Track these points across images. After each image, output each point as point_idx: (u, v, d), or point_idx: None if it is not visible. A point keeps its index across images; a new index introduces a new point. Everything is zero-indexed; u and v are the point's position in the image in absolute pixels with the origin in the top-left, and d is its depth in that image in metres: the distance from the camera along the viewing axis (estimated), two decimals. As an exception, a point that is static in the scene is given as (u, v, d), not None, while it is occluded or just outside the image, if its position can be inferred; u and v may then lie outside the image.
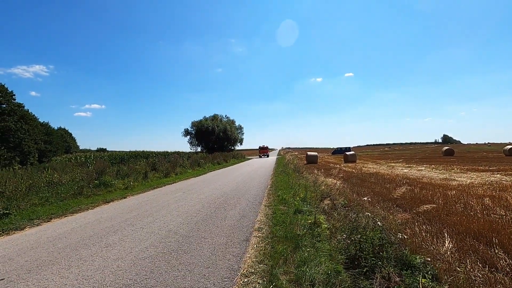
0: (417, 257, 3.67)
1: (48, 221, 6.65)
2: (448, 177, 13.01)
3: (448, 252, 4.11)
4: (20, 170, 17.73)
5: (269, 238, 4.66)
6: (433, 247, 4.32)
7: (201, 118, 59.19)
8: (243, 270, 3.47)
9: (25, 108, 38.46)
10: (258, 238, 4.72)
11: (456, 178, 12.32)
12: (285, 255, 3.84)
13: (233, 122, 63.50)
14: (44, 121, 49.08)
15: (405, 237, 4.18)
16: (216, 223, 5.80)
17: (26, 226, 6.25)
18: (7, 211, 7.07)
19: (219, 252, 4.09)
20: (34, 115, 41.25)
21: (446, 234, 4.80)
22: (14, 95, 36.76)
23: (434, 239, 4.63)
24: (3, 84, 35.98)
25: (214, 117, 60.68)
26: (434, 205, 5.66)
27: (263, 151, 56.70)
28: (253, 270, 3.45)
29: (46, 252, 4.39)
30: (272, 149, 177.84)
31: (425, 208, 4.57)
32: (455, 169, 16.86)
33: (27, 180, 10.47)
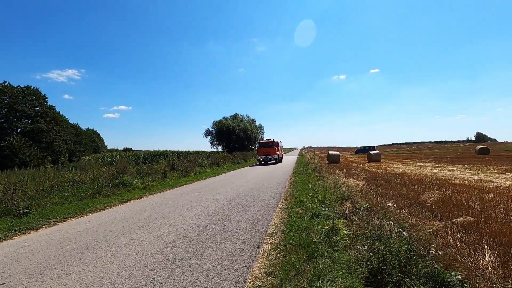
0: (452, 273, 3.16)
1: (64, 221, 6.71)
2: (483, 178, 11.90)
3: (490, 268, 3.54)
4: (52, 169, 18.61)
5: (281, 246, 4.29)
6: (470, 261, 3.75)
7: (222, 118, 59.63)
8: (250, 283, 3.14)
9: (57, 110, 40.68)
10: (269, 245, 4.36)
11: (493, 180, 11.22)
12: (297, 266, 3.46)
13: (253, 121, 63.46)
14: (74, 122, 51.69)
15: (440, 253, 3.66)
16: (227, 226, 5.52)
17: (43, 225, 6.32)
18: (27, 210, 7.24)
19: (226, 261, 3.79)
20: (64, 116, 43.54)
21: (485, 245, 4.19)
22: (47, 98, 38.96)
23: (472, 251, 4.04)
24: (37, 88, 38.24)
25: (235, 117, 60.88)
26: (472, 218, 5.02)
27: (265, 151, 27.89)
28: (260, 284, 3.11)
29: (53, 254, 4.32)
30: (292, 148, 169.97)
31: (460, 220, 4.01)
32: (492, 169, 15.47)
33: (53, 179, 10.80)
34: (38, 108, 37.45)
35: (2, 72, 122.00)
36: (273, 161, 27.93)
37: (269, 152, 27.65)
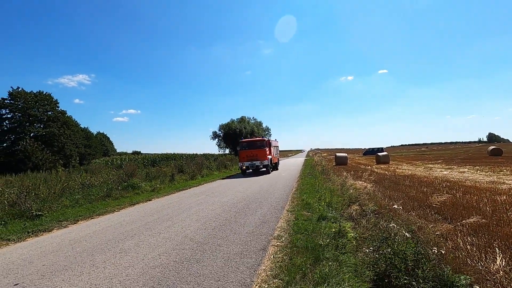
0: (462, 277, 3.11)
1: (75, 223, 6.85)
2: (496, 180, 11.63)
3: (501, 272, 3.47)
4: (63, 172, 19.04)
5: (288, 248, 4.30)
6: (481, 265, 3.69)
7: (229, 121, 59.92)
8: (256, 285, 3.16)
9: (68, 114, 41.56)
10: (276, 248, 4.37)
11: (506, 181, 10.95)
12: (303, 269, 3.46)
13: (260, 123, 63.51)
14: (84, 127, 52.67)
15: (442, 251, 3.60)
16: (234, 229, 5.55)
17: (54, 227, 6.48)
18: (40, 213, 7.43)
19: (233, 263, 3.82)
20: (75, 120, 44.44)
21: (497, 249, 4.10)
22: (58, 103, 39.86)
23: (482, 255, 3.97)
24: (49, 93, 39.18)
25: (242, 119, 61.06)
26: (483, 221, 4.93)
27: (251, 155, 19.32)
28: (266, 286, 3.12)
29: (64, 256, 4.43)
30: (299, 150, 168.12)
31: (471, 222, 3.93)
32: (504, 170, 15.10)
33: (64, 182, 11.05)
34: (50, 112, 38.37)
35: (15, 77, 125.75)
36: (263, 169, 19.66)
37: (256, 156, 19.30)
